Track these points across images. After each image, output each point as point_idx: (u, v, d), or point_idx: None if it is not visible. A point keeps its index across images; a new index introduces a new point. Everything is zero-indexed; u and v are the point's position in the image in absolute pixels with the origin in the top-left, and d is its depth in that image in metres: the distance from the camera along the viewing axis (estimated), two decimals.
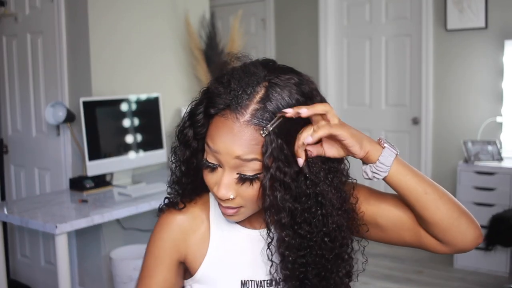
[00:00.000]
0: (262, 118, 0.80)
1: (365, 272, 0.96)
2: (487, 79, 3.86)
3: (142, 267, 0.98)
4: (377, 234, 0.95)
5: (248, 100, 0.81)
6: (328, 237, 0.86)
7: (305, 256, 0.86)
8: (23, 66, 3.32)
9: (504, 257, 3.43)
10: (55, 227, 2.14)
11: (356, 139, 0.82)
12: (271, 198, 0.82)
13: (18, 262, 3.48)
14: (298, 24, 4.82)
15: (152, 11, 3.32)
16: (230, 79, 0.83)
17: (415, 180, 0.86)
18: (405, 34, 4.27)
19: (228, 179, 0.84)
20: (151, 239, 0.97)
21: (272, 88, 0.82)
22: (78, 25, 2.98)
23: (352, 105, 4.63)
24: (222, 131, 0.81)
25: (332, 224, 0.86)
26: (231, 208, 0.87)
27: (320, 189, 0.84)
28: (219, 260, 0.95)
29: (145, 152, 2.99)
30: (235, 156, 0.81)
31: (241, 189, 0.84)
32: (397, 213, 0.92)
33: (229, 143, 0.81)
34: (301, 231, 0.85)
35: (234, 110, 0.81)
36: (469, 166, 3.55)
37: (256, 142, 0.80)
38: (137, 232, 3.09)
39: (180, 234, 0.95)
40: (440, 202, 0.86)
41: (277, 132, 0.80)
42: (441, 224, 0.86)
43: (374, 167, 0.84)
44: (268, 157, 0.80)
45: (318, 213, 0.85)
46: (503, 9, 3.74)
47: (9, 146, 3.48)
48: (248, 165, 0.82)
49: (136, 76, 3.21)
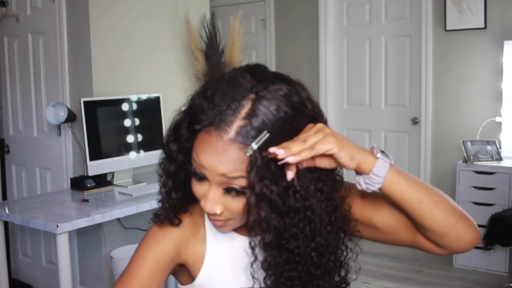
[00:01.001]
0: (247, 135, 0.76)
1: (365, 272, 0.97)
2: (487, 79, 3.87)
3: (128, 271, 0.91)
4: (374, 235, 0.95)
5: (233, 116, 0.77)
6: (315, 252, 0.84)
7: (292, 271, 0.84)
8: (24, 66, 3.33)
9: (503, 257, 3.44)
10: (56, 227, 2.14)
11: (346, 150, 0.79)
12: (256, 217, 0.79)
13: (19, 262, 3.49)
14: (298, 24, 4.83)
15: (153, 11, 3.33)
16: (214, 94, 0.79)
17: (410, 189, 0.83)
18: (405, 34, 4.27)
19: (214, 194, 0.81)
20: (143, 248, 0.92)
21: (258, 101, 0.77)
22: (79, 25, 2.99)
23: (352, 105, 4.64)
24: (206, 148, 0.78)
25: (321, 240, 0.83)
26: (219, 221, 0.85)
27: (309, 204, 0.81)
28: (217, 268, 0.94)
29: (146, 152, 3.00)
30: (219, 173, 0.79)
31: (228, 202, 0.82)
32: (393, 216, 0.91)
33: (214, 161, 0.78)
34: (289, 246, 0.82)
35: (218, 127, 0.77)
36: (469, 166, 3.56)
37: (241, 160, 0.77)
38: (138, 231, 3.10)
39: (182, 240, 0.93)
40: (436, 210, 0.84)
41: (263, 148, 0.76)
42: (437, 230, 0.85)
43: (368, 178, 0.82)
44: (254, 176, 0.76)
45: (306, 229, 0.82)
46: (503, 9, 3.75)
47: (11, 146, 3.49)
48: (234, 182, 0.79)
49: (137, 76, 3.22)
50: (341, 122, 4.65)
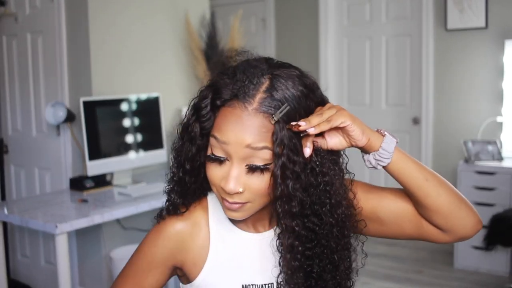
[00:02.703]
0: (270, 106, 0.80)
1: (365, 272, 0.97)
2: (488, 79, 3.86)
3: (130, 265, 0.95)
4: (378, 229, 0.95)
5: (255, 89, 0.81)
6: (336, 227, 0.87)
7: (312, 249, 0.86)
8: (23, 66, 3.32)
9: (504, 257, 3.43)
10: (55, 227, 2.14)
11: (358, 124, 0.83)
12: (283, 187, 0.82)
13: (18, 262, 3.48)
14: (298, 24, 4.82)
15: (152, 11, 3.32)
16: (236, 70, 0.84)
17: (416, 167, 0.87)
18: (406, 34, 4.26)
19: (237, 171, 0.82)
20: (146, 243, 0.95)
21: (276, 79, 0.82)
22: (78, 25, 2.98)
23: (352, 105, 4.63)
24: (231, 121, 0.81)
25: (341, 214, 0.87)
26: (237, 203, 0.85)
27: (329, 179, 0.85)
28: (219, 265, 0.94)
29: (145, 152, 2.99)
30: (245, 144, 0.80)
31: (250, 181, 0.83)
32: (397, 205, 0.93)
33: (239, 131, 0.80)
34: (309, 224, 0.85)
35: (241, 100, 0.81)
36: (470, 166, 3.55)
37: (266, 129, 0.80)
38: (137, 232, 3.09)
39: (178, 243, 0.93)
40: (441, 189, 0.87)
41: (286, 120, 0.80)
42: (442, 210, 0.88)
43: (378, 154, 0.85)
44: (279, 145, 0.80)
45: (327, 203, 0.85)
46: (503, 9, 3.74)
47: (9, 146, 3.48)
48: (258, 154, 0.81)
49: (136, 76, 3.21)
50: None
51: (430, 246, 4.03)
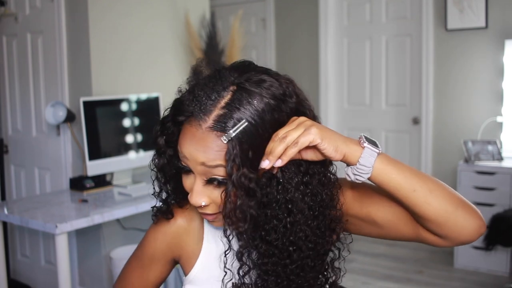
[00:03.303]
0: (225, 124, 0.78)
1: (365, 272, 0.96)
2: (488, 79, 3.86)
3: (134, 259, 1.02)
4: (376, 231, 0.93)
5: (212, 105, 0.79)
6: (293, 247, 0.83)
7: (267, 264, 0.84)
8: (23, 66, 3.32)
9: (504, 257, 3.43)
10: (55, 227, 2.14)
11: (330, 141, 0.79)
12: (231, 205, 0.80)
13: (18, 262, 3.48)
14: (298, 24, 4.82)
15: (152, 11, 3.32)
16: (195, 86, 0.83)
17: (401, 177, 0.81)
18: (405, 34, 4.26)
19: (199, 186, 0.83)
20: (147, 239, 1.01)
21: (239, 92, 0.79)
22: (78, 25, 2.98)
23: (352, 105, 4.63)
24: (187, 138, 0.81)
25: (300, 235, 0.83)
26: (208, 214, 0.86)
27: (291, 196, 0.81)
28: (211, 262, 0.96)
29: (145, 152, 2.99)
30: (200, 162, 0.80)
31: (213, 194, 0.83)
32: (391, 210, 0.89)
33: (194, 150, 0.80)
34: (268, 237, 0.83)
35: (197, 117, 0.79)
36: (470, 166, 3.55)
37: (219, 148, 0.79)
38: (137, 231, 3.09)
39: (175, 238, 0.98)
40: (430, 198, 0.81)
41: (241, 137, 0.78)
42: (435, 219, 0.82)
43: (355, 169, 0.81)
44: (231, 164, 0.77)
45: (286, 221, 0.82)
46: (504, 8, 3.74)
47: (9, 146, 3.48)
48: (214, 171, 0.81)
49: (136, 75, 3.21)
50: (341, 122, 4.64)
51: (430, 246, 4.02)
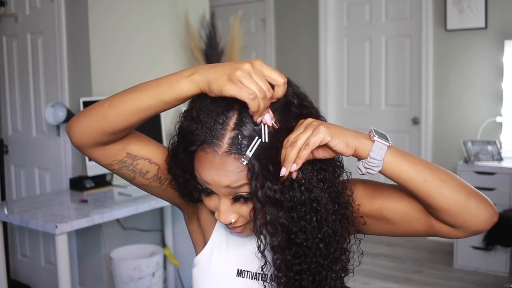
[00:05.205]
0: (240, 145, 0.78)
1: (365, 272, 0.97)
2: (487, 79, 3.86)
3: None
4: (388, 228, 0.93)
5: (222, 129, 0.79)
6: (323, 243, 0.85)
7: (301, 264, 0.86)
8: (23, 66, 3.32)
9: (504, 257, 3.43)
10: (55, 227, 2.14)
11: (339, 137, 0.80)
12: (262, 221, 0.82)
13: (18, 262, 3.48)
14: (298, 24, 4.82)
15: (152, 11, 3.32)
16: (199, 112, 0.81)
17: (412, 169, 0.82)
18: (405, 34, 4.27)
19: (224, 206, 0.84)
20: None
21: (244, 110, 0.79)
22: (78, 25, 2.98)
23: (352, 105, 4.63)
24: (206, 166, 0.81)
25: (328, 230, 0.85)
26: (237, 227, 0.88)
27: (315, 195, 0.83)
28: (220, 246, 1.00)
29: None
30: (224, 186, 0.81)
31: (241, 210, 0.85)
32: (403, 204, 0.90)
33: (215, 176, 0.81)
34: (297, 240, 0.84)
35: (210, 144, 0.79)
36: (469, 166, 3.55)
37: (240, 169, 0.80)
38: (137, 232, 3.09)
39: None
40: (443, 188, 0.82)
41: (258, 154, 0.78)
42: (448, 209, 0.83)
43: (366, 162, 0.81)
44: (255, 183, 0.79)
45: (313, 220, 0.84)
46: (503, 9, 3.74)
47: (9, 146, 3.48)
48: (239, 190, 0.82)
49: (136, 75, 3.21)
50: (341, 122, 4.64)
51: (430, 246, 4.03)
